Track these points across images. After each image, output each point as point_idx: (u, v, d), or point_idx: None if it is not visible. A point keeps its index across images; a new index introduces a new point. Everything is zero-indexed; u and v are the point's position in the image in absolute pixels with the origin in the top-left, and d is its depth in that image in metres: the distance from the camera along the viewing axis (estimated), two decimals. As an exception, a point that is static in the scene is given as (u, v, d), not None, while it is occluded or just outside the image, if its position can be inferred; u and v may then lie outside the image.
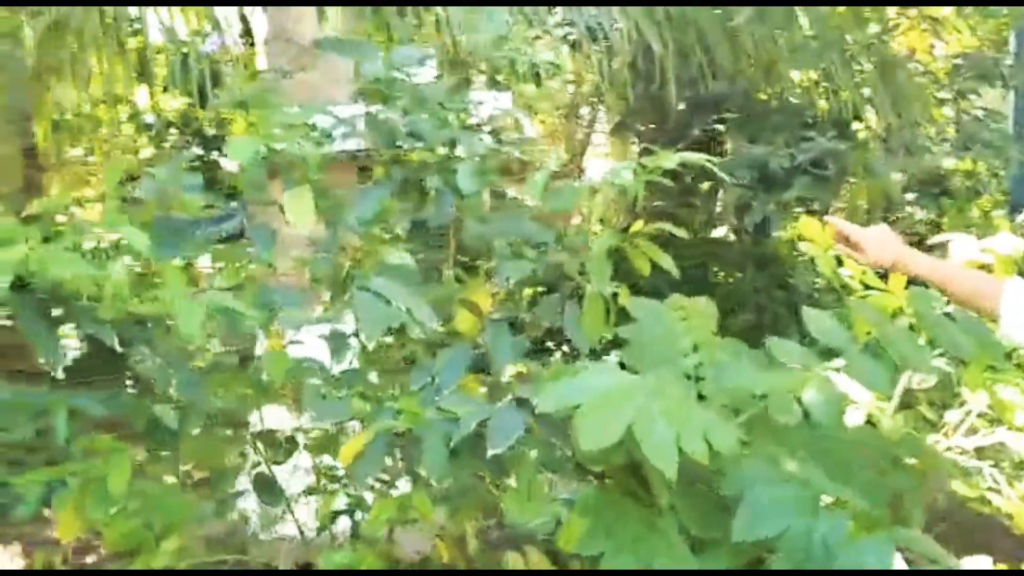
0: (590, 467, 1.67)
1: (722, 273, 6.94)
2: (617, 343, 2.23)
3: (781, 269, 6.29)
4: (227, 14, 4.73)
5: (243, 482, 2.49)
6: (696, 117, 6.41)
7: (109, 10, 5.25)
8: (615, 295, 2.18)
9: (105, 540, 2.00)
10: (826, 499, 1.79)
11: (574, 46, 5.70)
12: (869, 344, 2.18)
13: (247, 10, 4.87)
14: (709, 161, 2.15)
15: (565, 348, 5.20)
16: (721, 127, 6.69)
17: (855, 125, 6.50)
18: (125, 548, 1.99)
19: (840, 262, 3.15)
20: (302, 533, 2.46)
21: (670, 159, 2.14)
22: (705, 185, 6.95)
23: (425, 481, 1.93)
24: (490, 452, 1.69)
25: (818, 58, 5.75)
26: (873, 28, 6.09)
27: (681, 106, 6.25)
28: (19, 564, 3.51)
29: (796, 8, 5.43)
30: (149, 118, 7.93)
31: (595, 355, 2.25)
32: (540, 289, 3.94)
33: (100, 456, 1.92)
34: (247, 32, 5.03)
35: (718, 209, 7.29)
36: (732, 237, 7.00)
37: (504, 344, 2.12)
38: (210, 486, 2.43)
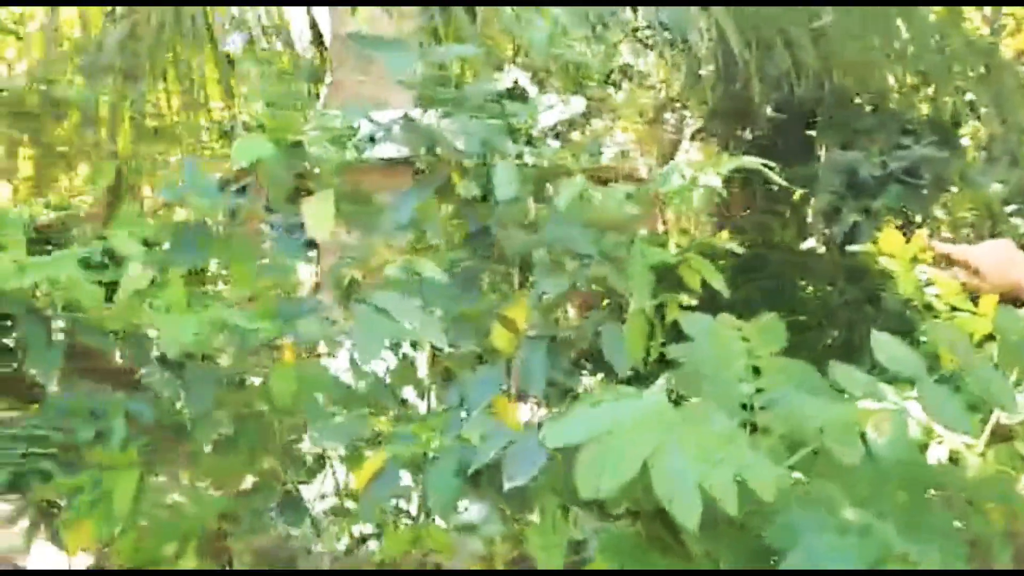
0: (609, 509, 1.50)
1: (811, 287, 6.63)
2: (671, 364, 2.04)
3: (873, 283, 5.94)
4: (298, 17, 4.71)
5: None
6: (783, 121, 6.12)
7: (197, 15, 5.31)
8: (659, 307, 2.00)
9: (116, 557, 1.93)
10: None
11: (653, 48, 5.51)
12: (952, 375, 1.94)
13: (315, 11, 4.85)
14: (767, 167, 1.96)
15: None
16: (812, 132, 6.38)
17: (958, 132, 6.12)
18: (136, 565, 1.91)
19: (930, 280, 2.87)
20: (333, 553, 2.35)
21: (724, 163, 1.95)
22: (796, 194, 6.66)
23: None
24: (507, 485, 1.53)
25: (917, 60, 5.40)
26: (977, 29, 5.70)
27: (767, 110, 5.98)
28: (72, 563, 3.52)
29: (892, 8, 5.11)
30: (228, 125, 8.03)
31: (640, 378, 2.06)
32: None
33: (112, 470, 1.84)
34: (317, 35, 5.01)
35: (808, 219, 6.98)
36: (823, 249, 6.67)
37: (537, 363, 1.96)
38: (243, 499, 2.36)
